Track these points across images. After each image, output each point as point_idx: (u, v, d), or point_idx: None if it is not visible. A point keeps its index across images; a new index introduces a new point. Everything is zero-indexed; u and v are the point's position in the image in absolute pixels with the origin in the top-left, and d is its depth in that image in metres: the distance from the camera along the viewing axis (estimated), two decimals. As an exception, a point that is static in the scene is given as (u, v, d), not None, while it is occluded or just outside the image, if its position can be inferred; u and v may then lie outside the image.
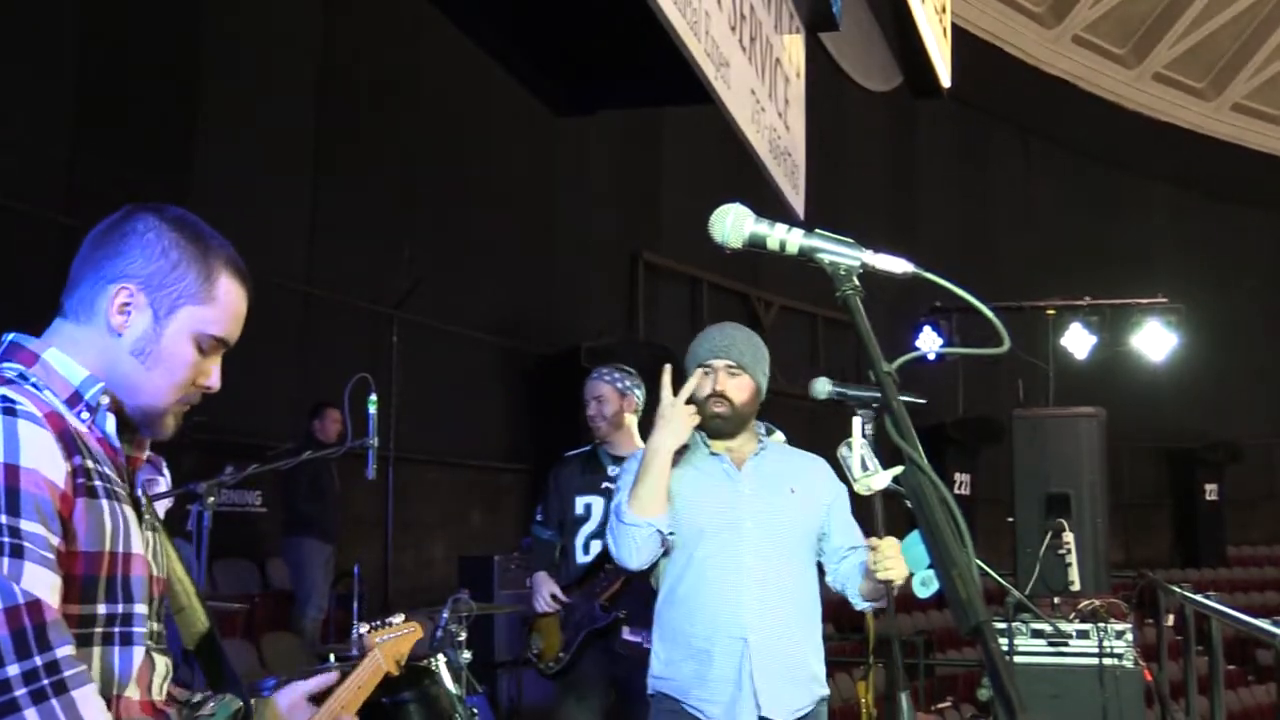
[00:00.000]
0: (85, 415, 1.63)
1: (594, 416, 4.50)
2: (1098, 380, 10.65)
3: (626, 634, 4.27)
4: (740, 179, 6.08)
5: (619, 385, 4.54)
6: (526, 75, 6.55)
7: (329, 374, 4.72)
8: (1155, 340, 10.24)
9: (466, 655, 4.28)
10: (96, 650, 1.56)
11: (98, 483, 1.58)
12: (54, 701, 1.44)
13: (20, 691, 1.43)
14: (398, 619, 2.71)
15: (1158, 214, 18.51)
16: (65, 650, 1.47)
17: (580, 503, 4.46)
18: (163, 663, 1.69)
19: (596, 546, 4.39)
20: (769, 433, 3.34)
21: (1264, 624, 4.68)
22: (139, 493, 1.72)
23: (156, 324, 1.67)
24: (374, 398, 4.25)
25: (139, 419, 1.70)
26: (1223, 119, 19.30)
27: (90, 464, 1.57)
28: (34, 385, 1.61)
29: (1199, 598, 5.69)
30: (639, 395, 4.57)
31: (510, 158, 10.35)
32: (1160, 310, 10.21)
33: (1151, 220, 18.38)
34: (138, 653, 1.61)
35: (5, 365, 1.64)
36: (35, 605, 1.46)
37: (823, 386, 2.88)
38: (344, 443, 4.22)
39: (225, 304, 1.72)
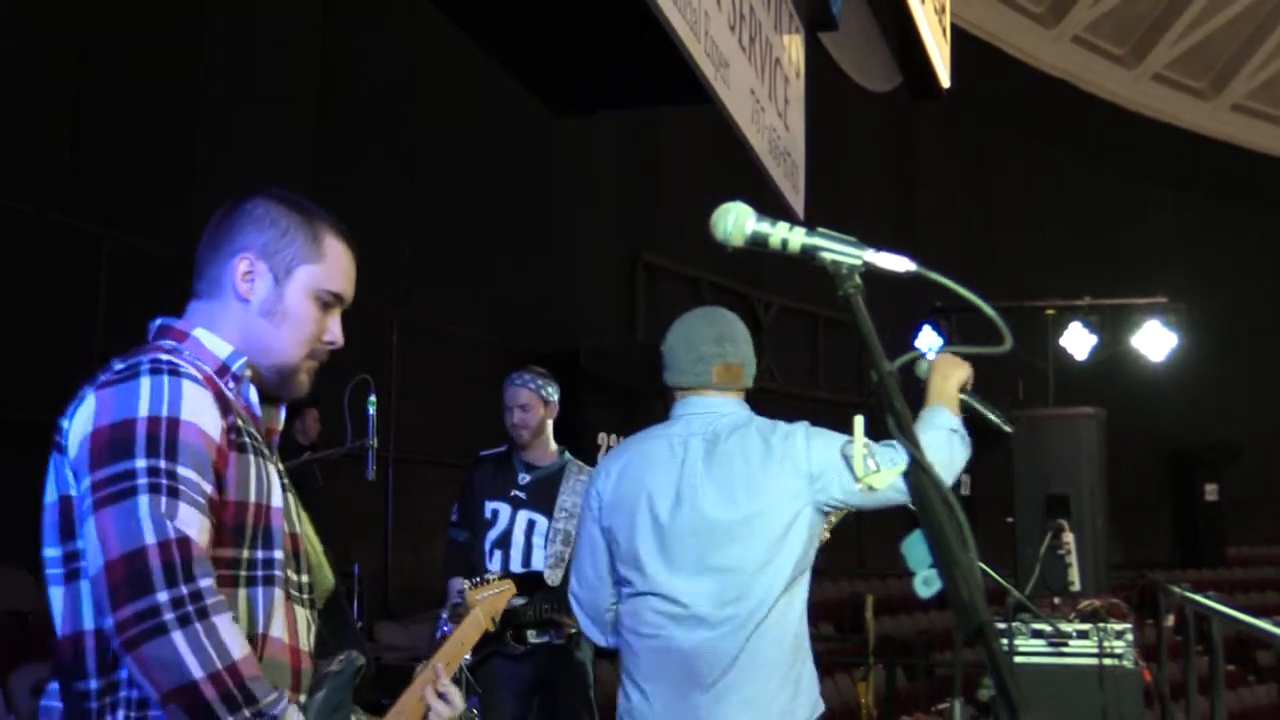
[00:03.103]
0: (231, 385, 1.81)
1: (518, 425, 4.41)
2: (1098, 380, 10.66)
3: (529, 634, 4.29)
4: (740, 179, 6.07)
5: (542, 392, 4.47)
6: (526, 75, 6.54)
7: (328, 374, 4.70)
8: (1155, 340, 10.25)
9: (466, 656, 4.28)
10: (242, 592, 1.72)
11: (247, 439, 1.76)
12: (197, 625, 1.58)
13: (169, 616, 1.57)
14: (493, 575, 2.80)
15: (1157, 214, 18.51)
16: (208, 581, 1.61)
17: (489, 507, 4.41)
18: (304, 614, 1.84)
19: (499, 557, 4.37)
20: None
21: (1264, 624, 4.68)
22: (275, 456, 1.88)
23: (277, 285, 1.86)
24: (374, 398, 4.26)
25: (275, 380, 1.88)
26: (1222, 119, 19.30)
27: (241, 423, 1.76)
28: (186, 358, 1.77)
29: (1199, 598, 5.69)
30: (556, 399, 4.54)
31: (510, 158, 10.34)
32: (1160, 310, 10.22)
33: (1151, 220, 18.38)
34: (278, 594, 1.77)
35: (162, 342, 1.81)
36: (184, 541, 1.61)
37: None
38: (329, 443, 4.22)
39: (334, 260, 1.92)
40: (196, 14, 8.27)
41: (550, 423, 4.49)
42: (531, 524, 4.35)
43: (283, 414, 1.96)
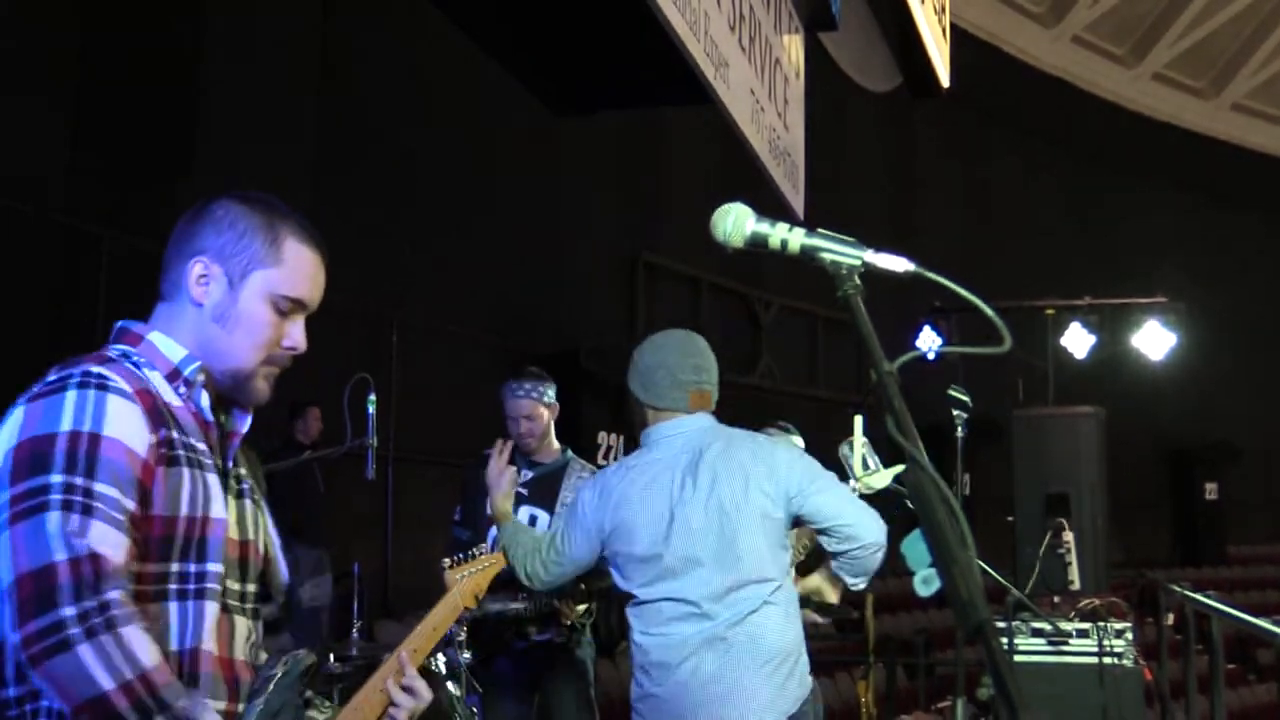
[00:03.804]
0: (183, 390, 1.80)
1: (525, 435, 4.39)
2: (1097, 380, 10.66)
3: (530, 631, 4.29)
4: (740, 179, 6.07)
5: (544, 399, 4.44)
6: (526, 75, 6.54)
7: (329, 374, 4.71)
8: (1155, 340, 10.24)
9: (466, 655, 4.28)
10: (172, 605, 1.72)
11: (180, 452, 1.74)
12: (104, 637, 1.57)
13: (74, 630, 1.56)
14: (482, 549, 2.66)
15: (1157, 214, 18.51)
16: (116, 594, 1.60)
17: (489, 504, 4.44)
18: (244, 624, 1.82)
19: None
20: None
21: (1264, 623, 4.69)
22: (231, 464, 1.87)
23: (231, 290, 1.82)
24: (374, 398, 4.26)
25: (229, 385, 1.85)
26: (1222, 119, 19.30)
27: (176, 435, 1.74)
28: (134, 364, 1.78)
29: (1199, 597, 5.69)
30: (555, 398, 4.52)
31: (510, 158, 10.34)
32: (1160, 310, 10.21)
33: (1151, 220, 18.38)
34: (210, 608, 1.75)
35: (113, 346, 1.81)
36: (94, 557, 1.60)
37: None
38: (330, 443, 4.22)
39: (294, 265, 1.86)
40: (196, 14, 8.27)
41: (553, 422, 4.50)
42: (534, 519, 4.36)
43: (246, 418, 1.92)
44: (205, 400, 1.82)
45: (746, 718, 3.02)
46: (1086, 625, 5.42)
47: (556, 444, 4.54)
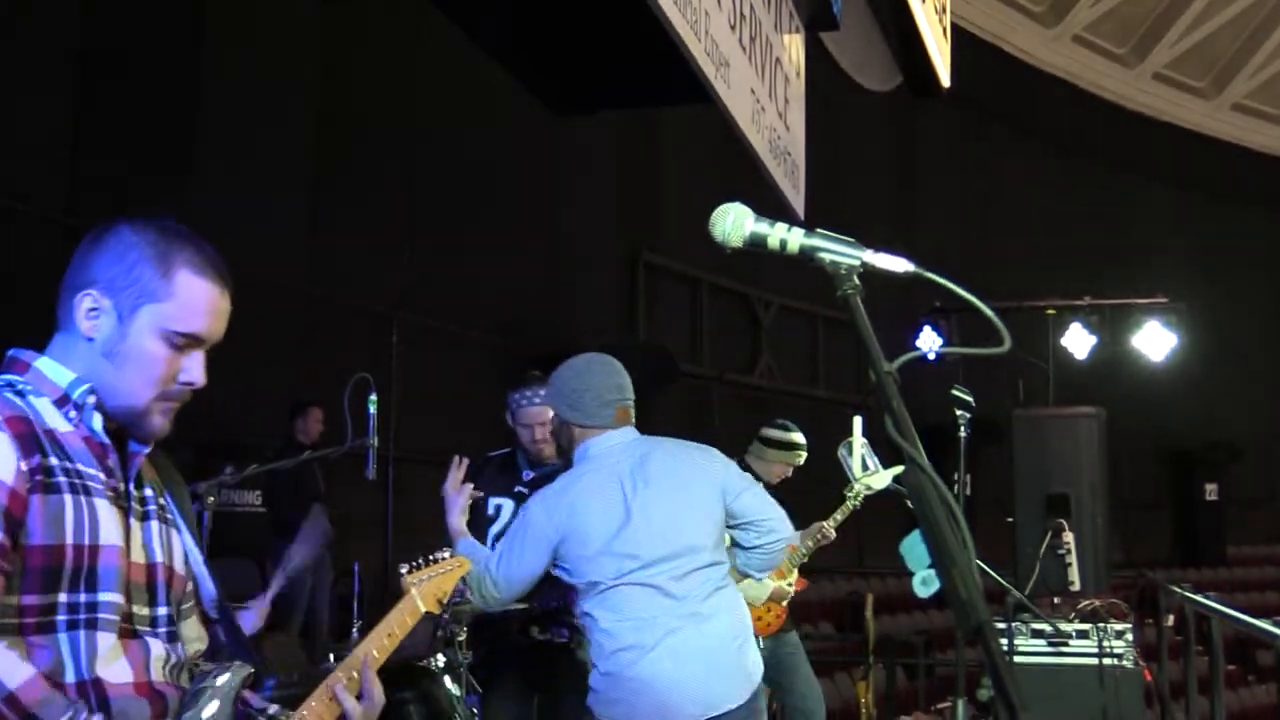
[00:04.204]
0: (73, 414, 1.73)
1: (539, 442, 4.34)
2: (1098, 380, 10.64)
3: (533, 631, 4.29)
4: (740, 179, 6.07)
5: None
6: (526, 75, 6.54)
7: (329, 374, 4.71)
8: (1155, 340, 10.23)
9: (467, 655, 4.28)
10: (63, 636, 1.65)
11: (61, 479, 1.66)
12: None
13: None
14: (444, 554, 2.59)
15: (1158, 214, 18.51)
16: None
17: (492, 503, 4.39)
18: (159, 647, 1.76)
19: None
20: None
21: (1264, 624, 4.69)
22: (131, 486, 1.78)
23: (120, 325, 1.75)
24: (374, 397, 4.25)
25: (123, 419, 1.77)
26: (1223, 119, 19.30)
27: (55, 461, 1.67)
28: (18, 391, 1.72)
29: (1199, 598, 5.70)
30: None
31: (510, 157, 10.34)
32: (1160, 310, 10.20)
33: (1151, 220, 18.38)
34: (103, 638, 1.68)
35: (2, 375, 1.76)
36: None
37: None
38: (330, 443, 4.21)
39: (186, 299, 1.76)
40: (197, 14, 8.27)
41: None
42: None
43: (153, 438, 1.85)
44: (98, 422, 1.75)
45: (729, 688, 3.28)
46: (1086, 626, 5.41)
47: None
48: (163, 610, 1.79)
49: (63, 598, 1.65)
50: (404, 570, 2.54)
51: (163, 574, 1.80)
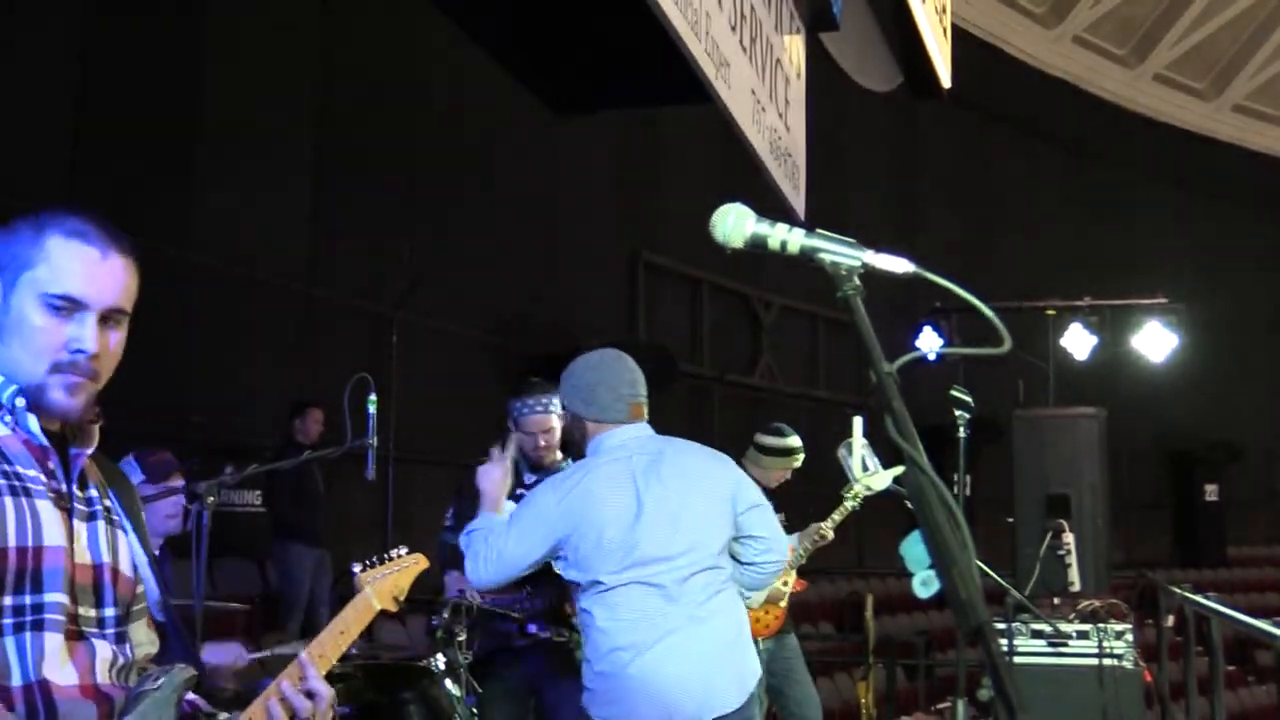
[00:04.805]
0: (9, 419, 1.72)
1: (543, 448, 4.33)
2: (1098, 380, 10.64)
3: (531, 628, 4.29)
4: (740, 179, 6.07)
5: (556, 409, 4.32)
6: (526, 75, 6.54)
7: (329, 374, 4.71)
8: (1155, 340, 10.22)
9: (467, 655, 4.27)
10: (9, 640, 1.64)
11: (0, 481, 1.66)
12: None
13: None
14: (400, 551, 2.52)
15: (1158, 214, 18.51)
16: None
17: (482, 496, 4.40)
18: (106, 648, 1.74)
19: None
20: None
21: (1264, 624, 4.68)
22: (74, 487, 1.76)
23: (4, 300, 1.74)
24: (374, 397, 4.24)
25: (32, 402, 1.73)
26: (1223, 119, 19.30)
27: None
28: None
29: (1199, 598, 5.69)
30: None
31: (510, 158, 10.34)
32: (1160, 310, 10.19)
33: (1151, 220, 18.38)
34: (50, 638, 1.67)
35: None
36: None
37: None
38: (330, 443, 4.20)
39: (56, 261, 1.75)
40: (197, 14, 8.27)
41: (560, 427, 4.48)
42: None
43: (94, 430, 1.81)
44: (34, 424, 1.72)
45: (725, 691, 3.29)
46: (1086, 626, 5.41)
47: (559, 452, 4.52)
48: (110, 611, 1.77)
49: (7, 600, 1.64)
50: (356, 569, 2.45)
51: (108, 575, 1.78)
